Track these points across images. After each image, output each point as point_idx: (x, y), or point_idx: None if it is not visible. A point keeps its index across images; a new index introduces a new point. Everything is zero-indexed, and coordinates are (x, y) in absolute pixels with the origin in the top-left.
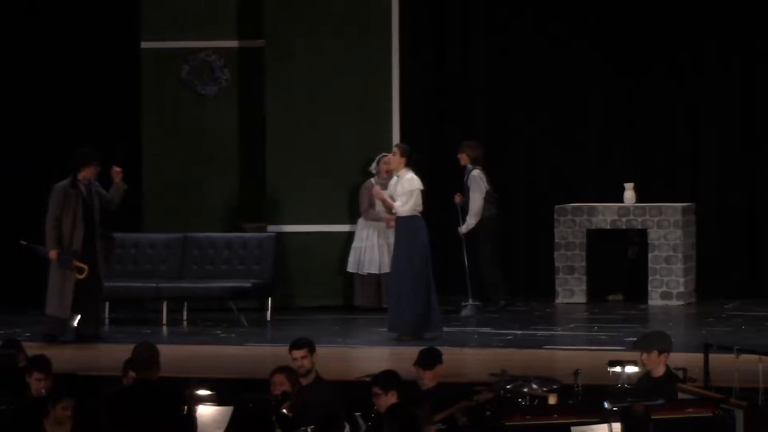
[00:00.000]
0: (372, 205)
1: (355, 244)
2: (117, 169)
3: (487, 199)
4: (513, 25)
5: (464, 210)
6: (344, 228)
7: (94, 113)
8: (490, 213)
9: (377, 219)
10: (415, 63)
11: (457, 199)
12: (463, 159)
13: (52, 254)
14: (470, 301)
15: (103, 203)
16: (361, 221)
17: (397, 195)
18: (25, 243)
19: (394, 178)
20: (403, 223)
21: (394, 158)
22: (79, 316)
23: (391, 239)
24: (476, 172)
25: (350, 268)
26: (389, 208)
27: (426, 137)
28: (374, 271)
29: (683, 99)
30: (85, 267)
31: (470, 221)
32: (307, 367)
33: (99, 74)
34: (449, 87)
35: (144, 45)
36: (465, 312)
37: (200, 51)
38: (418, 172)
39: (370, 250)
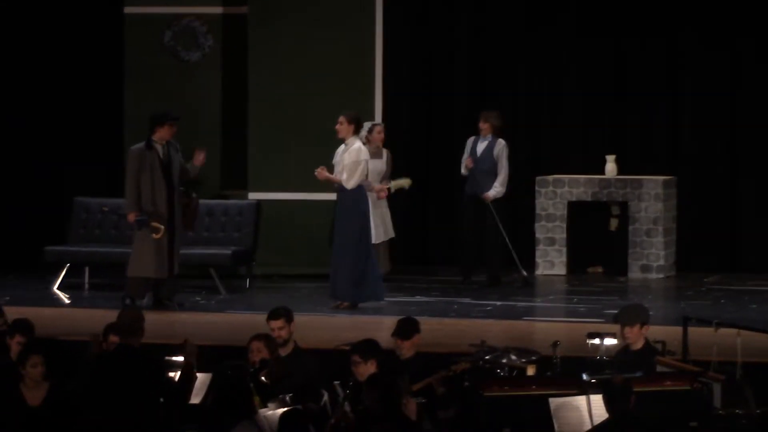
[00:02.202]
0: (366, 175)
1: None
2: (200, 155)
3: None
4: None
5: (479, 176)
6: (324, 197)
7: (77, 78)
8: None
9: (370, 189)
10: (398, 31)
11: (470, 164)
12: (487, 129)
13: (130, 217)
14: (524, 272)
15: (181, 167)
16: None
17: (344, 164)
18: (106, 209)
19: (342, 147)
20: (348, 195)
21: (342, 126)
22: None
23: (379, 209)
24: (504, 142)
25: None
26: (337, 183)
27: (408, 105)
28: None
29: (665, 72)
30: (161, 227)
31: (501, 188)
32: (285, 337)
33: (82, 39)
34: (433, 56)
35: (127, 10)
36: (523, 282)
37: (184, 17)
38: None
39: None
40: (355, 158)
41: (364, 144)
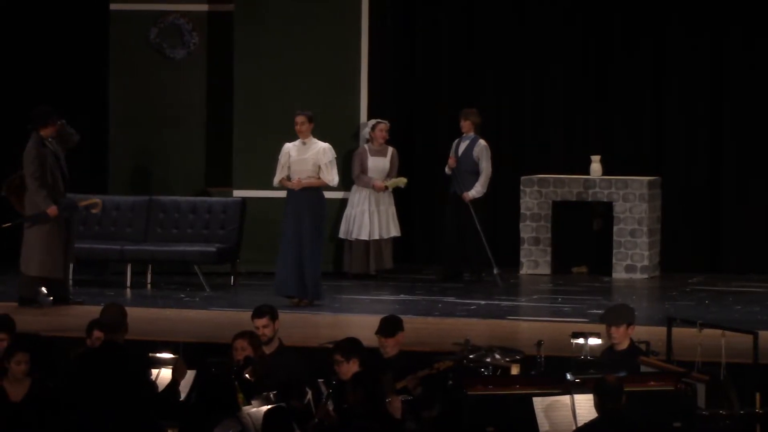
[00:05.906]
0: (364, 170)
1: (347, 210)
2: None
3: None
4: None
5: (461, 176)
6: None
7: (62, 75)
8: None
9: (368, 185)
10: (384, 31)
11: (452, 163)
12: (467, 126)
13: (52, 210)
14: (496, 270)
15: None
16: (354, 187)
17: (320, 164)
18: (9, 224)
19: (293, 145)
20: (312, 193)
21: (305, 126)
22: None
23: (382, 206)
24: (484, 143)
25: (341, 234)
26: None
27: (393, 104)
28: (364, 237)
29: (650, 72)
30: (98, 201)
31: (481, 189)
32: (269, 335)
33: (68, 36)
34: (418, 55)
35: (113, 7)
36: (499, 280)
37: (169, 14)
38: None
39: (360, 216)
40: (330, 157)
41: (367, 142)
